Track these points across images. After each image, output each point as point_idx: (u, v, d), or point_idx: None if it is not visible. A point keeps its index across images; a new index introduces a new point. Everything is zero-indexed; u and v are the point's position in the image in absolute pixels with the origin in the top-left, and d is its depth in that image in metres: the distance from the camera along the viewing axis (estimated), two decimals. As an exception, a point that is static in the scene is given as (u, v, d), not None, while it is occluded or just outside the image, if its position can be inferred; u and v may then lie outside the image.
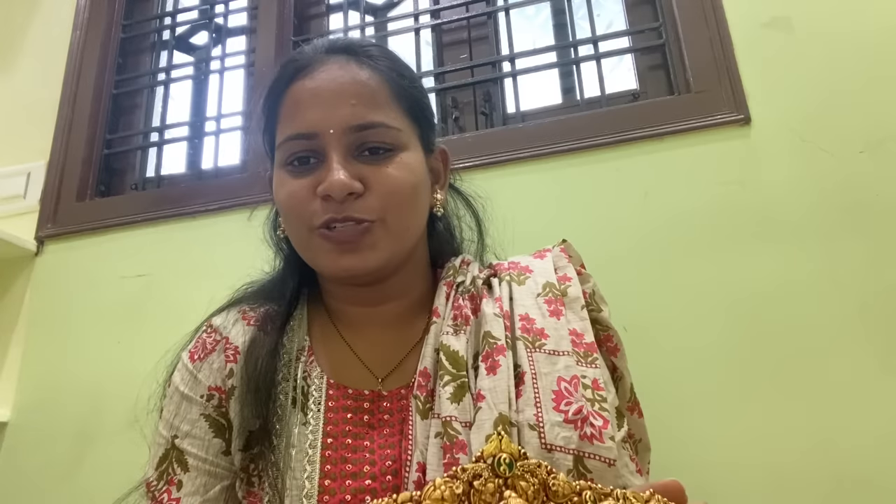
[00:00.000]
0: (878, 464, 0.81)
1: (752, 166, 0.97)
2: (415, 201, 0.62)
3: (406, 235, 0.62)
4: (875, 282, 0.88)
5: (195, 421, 0.61)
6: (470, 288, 0.64)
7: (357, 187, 0.58)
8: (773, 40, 1.03)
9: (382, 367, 0.62)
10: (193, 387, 0.62)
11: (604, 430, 0.52)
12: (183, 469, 0.59)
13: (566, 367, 0.56)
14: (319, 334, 0.66)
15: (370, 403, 0.60)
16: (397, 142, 0.61)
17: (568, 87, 1.23)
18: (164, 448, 0.61)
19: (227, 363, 0.62)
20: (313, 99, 0.60)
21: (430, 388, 0.57)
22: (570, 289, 0.63)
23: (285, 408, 0.58)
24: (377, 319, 0.66)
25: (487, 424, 0.52)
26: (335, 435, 0.57)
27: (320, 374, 0.62)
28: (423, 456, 0.53)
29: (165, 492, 0.59)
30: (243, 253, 0.78)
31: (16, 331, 1.26)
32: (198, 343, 0.66)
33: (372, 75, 0.62)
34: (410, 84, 0.65)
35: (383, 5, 1.43)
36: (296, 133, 0.60)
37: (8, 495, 1.14)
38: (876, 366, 0.85)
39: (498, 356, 0.56)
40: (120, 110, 1.49)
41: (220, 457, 0.60)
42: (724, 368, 0.89)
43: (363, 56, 0.63)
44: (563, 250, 0.68)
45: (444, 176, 0.70)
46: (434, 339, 0.60)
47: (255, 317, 0.66)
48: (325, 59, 0.63)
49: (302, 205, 0.60)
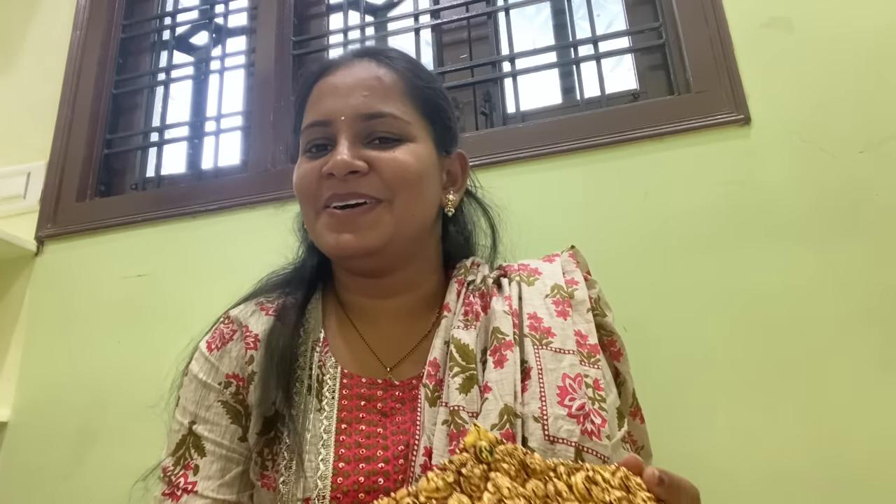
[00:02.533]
0: (878, 464, 0.81)
1: (752, 166, 0.97)
2: (421, 188, 0.64)
3: (410, 221, 0.64)
4: (875, 282, 0.88)
5: (213, 407, 0.63)
6: (481, 286, 0.66)
7: (359, 165, 0.61)
8: (773, 40, 1.03)
9: (393, 358, 0.65)
10: (212, 375, 0.65)
11: (601, 429, 0.54)
12: (200, 454, 0.61)
13: (571, 365, 0.58)
14: (334, 326, 0.69)
15: (383, 392, 0.62)
16: (405, 133, 0.64)
17: (568, 87, 1.23)
18: (182, 434, 0.63)
19: (248, 350, 0.64)
20: (331, 91, 0.66)
21: (439, 377, 0.59)
22: (577, 292, 0.65)
23: (301, 395, 0.61)
24: (388, 312, 0.68)
25: (493, 414, 0.54)
26: (349, 421, 0.60)
27: (335, 363, 0.64)
28: (429, 441, 0.55)
29: (182, 476, 0.60)
30: (243, 253, 0.78)
31: (16, 331, 1.26)
32: (215, 333, 0.68)
33: (388, 72, 0.66)
34: (426, 84, 0.69)
35: (383, 5, 1.43)
36: (313, 121, 0.66)
37: (8, 495, 1.14)
38: (876, 366, 0.85)
39: (506, 351, 0.58)
40: (120, 110, 1.49)
41: (236, 442, 0.62)
42: (723, 368, 0.89)
43: (381, 57, 0.68)
44: (571, 255, 0.70)
45: (460, 180, 0.73)
46: (444, 332, 0.63)
47: (274, 307, 0.69)
48: (350, 60, 0.68)
49: (310, 185, 0.64)
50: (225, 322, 0.68)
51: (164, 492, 0.60)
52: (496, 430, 0.53)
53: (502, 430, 0.53)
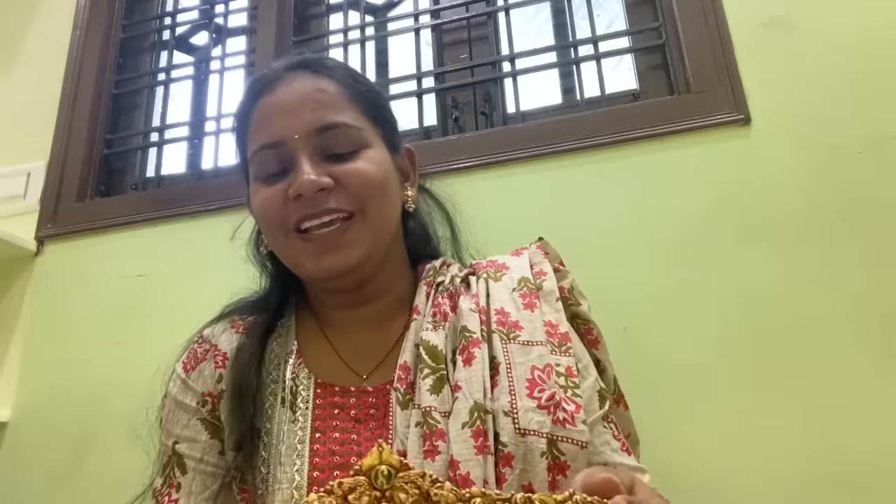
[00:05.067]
0: (877, 464, 0.81)
1: (752, 166, 0.97)
2: (387, 193, 0.65)
3: (384, 228, 0.65)
4: (875, 282, 0.88)
5: (192, 426, 0.64)
6: (449, 287, 0.67)
7: (326, 182, 0.61)
8: (773, 40, 1.03)
9: (366, 366, 0.65)
10: (188, 395, 0.66)
11: (576, 415, 0.55)
12: (182, 472, 0.63)
13: (539, 356, 0.58)
14: (307, 338, 0.69)
15: (356, 399, 0.62)
16: (360, 140, 0.64)
17: (568, 87, 1.23)
18: (167, 455, 0.65)
19: (217, 369, 0.66)
20: (277, 110, 0.64)
21: (410, 380, 0.60)
22: (545, 282, 0.65)
23: (275, 408, 0.62)
24: (360, 320, 0.69)
25: (464, 413, 0.54)
26: (323, 430, 0.60)
27: (308, 374, 0.65)
28: (402, 444, 0.55)
29: (166, 495, 0.62)
30: (243, 253, 0.78)
31: (16, 331, 1.26)
32: (189, 354, 0.69)
33: (329, 83, 0.66)
34: (367, 88, 0.69)
35: (383, 5, 1.43)
36: (263, 143, 0.64)
37: (8, 495, 1.14)
38: (875, 366, 0.85)
39: (474, 349, 0.59)
40: (120, 110, 1.49)
41: (216, 457, 0.63)
42: (723, 368, 0.89)
43: (319, 67, 0.67)
44: (539, 247, 0.71)
45: (413, 174, 0.73)
46: (414, 335, 0.63)
47: (243, 325, 0.69)
48: (284, 75, 0.66)
49: (276, 209, 0.63)
50: (198, 342, 0.70)
51: None
52: (467, 427, 0.53)
53: (473, 427, 0.53)
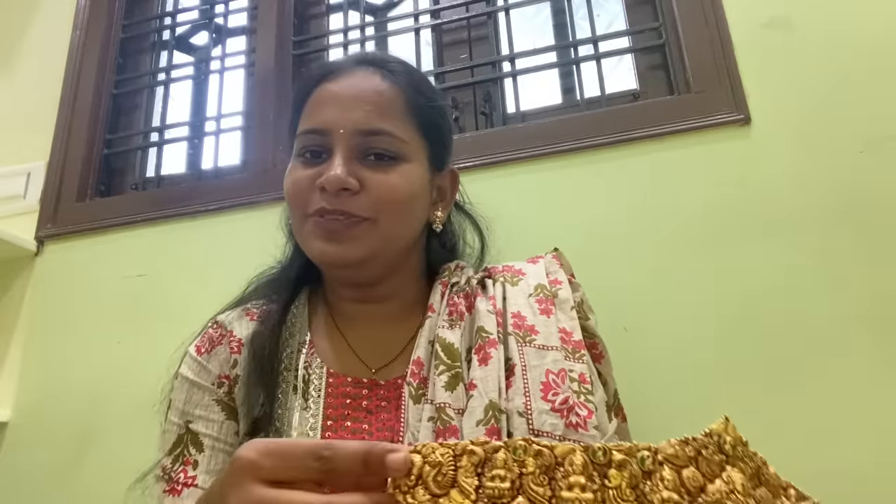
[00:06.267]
0: (877, 464, 0.81)
1: (751, 166, 0.97)
2: (409, 211, 0.66)
3: (394, 242, 0.65)
4: (874, 281, 0.88)
5: (208, 405, 0.65)
6: (465, 287, 0.68)
7: (352, 184, 0.61)
8: (773, 40, 1.03)
9: (378, 360, 0.66)
10: (203, 376, 0.66)
11: (588, 420, 0.55)
12: (198, 450, 0.63)
13: (554, 360, 0.59)
14: (320, 328, 0.70)
15: (368, 391, 0.63)
16: (401, 152, 0.64)
17: (568, 87, 1.23)
18: (177, 433, 0.64)
19: (232, 354, 0.66)
20: (332, 100, 0.65)
21: (423, 375, 0.61)
22: (560, 291, 0.66)
23: (287, 395, 0.62)
24: (373, 316, 0.70)
25: (478, 411, 0.55)
26: (335, 418, 0.61)
27: (320, 364, 0.65)
28: (414, 437, 0.56)
29: (182, 471, 0.62)
30: (244, 253, 0.78)
31: (16, 331, 1.26)
32: (204, 337, 0.70)
33: (390, 87, 0.66)
34: (427, 102, 0.68)
35: (383, 5, 1.43)
36: (310, 128, 0.66)
37: (8, 495, 1.14)
38: (875, 365, 0.85)
39: (490, 349, 0.60)
40: (120, 110, 1.49)
41: (233, 437, 0.64)
42: (723, 368, 0.89)
43: (386, 70, 0.68)
44: (555, 257, 0.72)
45: (449, 196, 0.74)
46: (429, 332, 0.64)
47: (258, 313, 0.70)
48: (352, 67, 0.68)
49: (302, 193, 0.64)
50: (213, 327, 0.71)
51: (165, 489, 0.61)
52: (481, 425, 0.54)
53: (487, 425, 0.54)
